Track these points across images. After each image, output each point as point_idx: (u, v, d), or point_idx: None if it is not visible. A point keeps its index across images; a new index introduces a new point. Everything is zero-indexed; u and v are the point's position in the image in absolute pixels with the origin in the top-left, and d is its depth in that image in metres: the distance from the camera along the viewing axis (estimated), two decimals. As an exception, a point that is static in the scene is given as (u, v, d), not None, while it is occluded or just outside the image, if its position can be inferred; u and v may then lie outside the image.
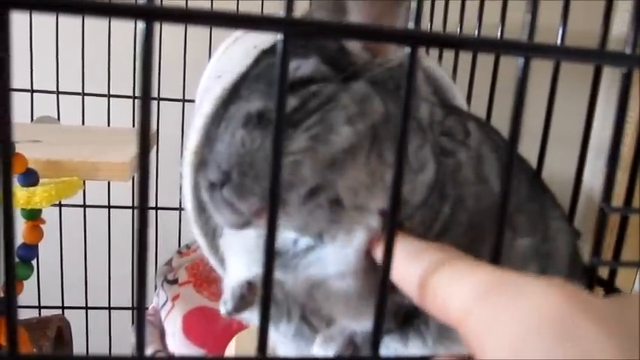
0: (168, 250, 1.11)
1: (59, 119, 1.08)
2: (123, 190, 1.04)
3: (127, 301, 1.14)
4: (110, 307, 1.14)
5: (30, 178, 0.69)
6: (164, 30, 1.04)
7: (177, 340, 0.95)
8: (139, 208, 0.22)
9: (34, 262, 0.73)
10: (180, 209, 1.09)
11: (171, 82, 1.06)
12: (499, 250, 0.28)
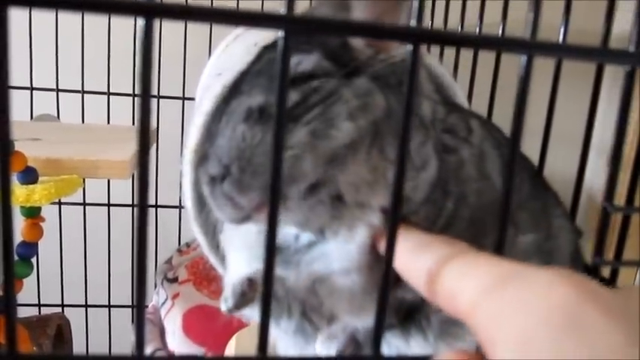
0: (168, 249, 1.11)
1: (59, 117, 1.08)
2: (123, 188, 1.04)
3: (127, 299, 1.14)
4: (110, 305, 1.14)
5: (29, 176, 0.69)
6: (164, 27, 1.04)
7: (177, 339, 0.95)
8: (138, 205, 0.22)
9: (33, 260, 0.73)
10: (181, 207, 1.09)
11: (171, 80, 1.06)
12: (502, 246, 0.28)
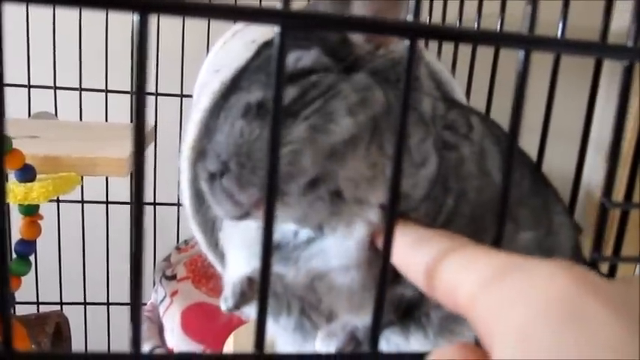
0: (166, 246, 1.11)
1: (57, 115, 1.07)
2: (121, 186, 1.04)
3: (126, 297, 1.12)
4: (109, 303, 1.14)
5: (27, 173, 0.68)
6: (162, 24, 1.03)
7: (175, 336, 0.95)
8: (134, 203, 0.22)
9: (32, 257, 0.73)
10: (179, 205, 1.09)
11: (169, 77, 1.06)
12: (500, 241, 0.28)
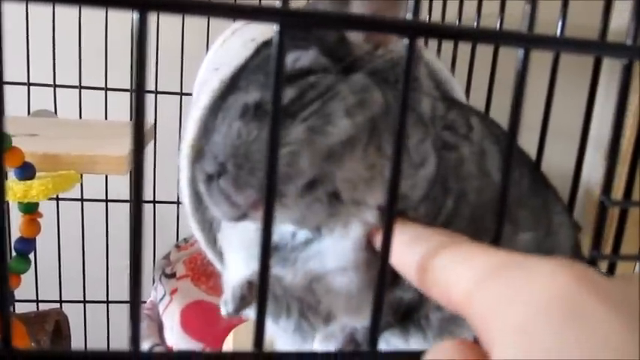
0: (166, 244, 1.11)
1: (56, 113, 1.07)
2: (120, 184, 1.04)
3: (125, 295, 1.12)
4: (108, 301, 1.14)
5: (27, 171, 0.68)
6: (161, 22, 1.03)
7: (175, 334, 0.95)
8: (133, 201, 0.22)
9: (31, 255, 0.73)
10: (178, 203, 1.09)
11: (169, 75, 1.06)
12: (498, 240, 0.28)
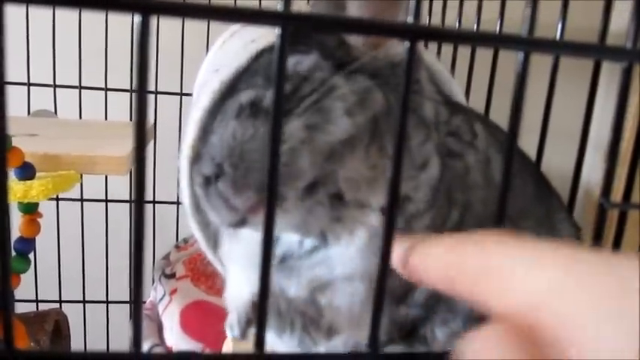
0: (165, 244, 1.11)
1: (56, 113, 1.07)
2: (120, 184, 1.04)
3: (125, 295, 1.14)
4: (108, 301, 1.14)
5: (27, 171, 0.69)
6: (161, 23, 1.03)
7: (174, 335, 0.95)
8: (135, 201, 0.22)
9: (31, 255, 0.73)
10: (178, 203, 1.09)
11: (169, 76, 1.06)
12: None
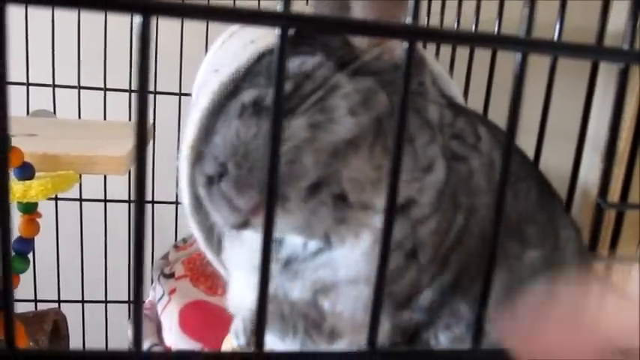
0: (164, 244, 1.11)
1: (55, 113, 1.07)
2: (119, 184, 1.04)
3: (124, 295, 1.14)
4: (106, 301, 1.14)
5: (26, 171, 0.69)
6: (160, 23, 1.03)
7: (173, 334, 0.95)
8: (136, 200, 0.22)
9: (30, 255, 0.73)
10: (177, 203, 1.09)
11: (168, 76, 1.06)
12: (494, 253, 0.28)
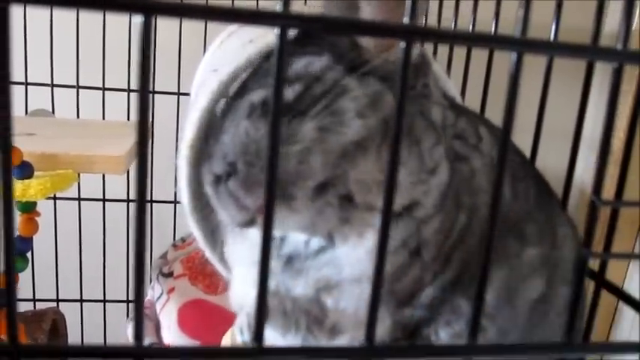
0: (163, 244, 1.11)
1: (54, 112, 1.07)
2: (117, 183, 1.04)
3: (122, 294, 1.14)
4: (105, 300, 1.15)
5: (25, 170, 0.69)
6: (159, 23, 1.04)
7: (172, 333, 0.96)
8: (137, 200, 0.22)
9: (29, 254, 0.73)
10: (176, 202, 1.10)
11: (167, 75, 1.06)
12: (490, 251, 0.28)
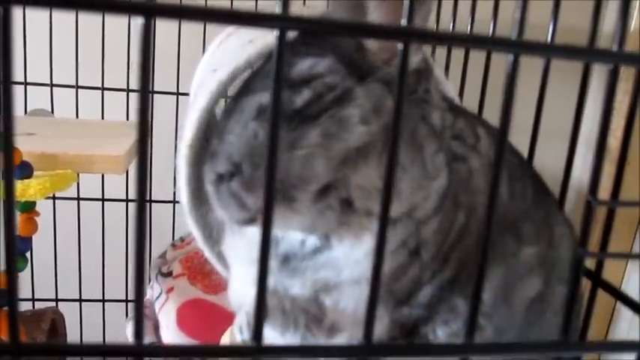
0: (162, 243, 1.11)
1: (53, 112, 1.08)
2: (116, 183, 1.04)
3: (121, 294, 1.14)
4: (104, 300, 1.15)
5: (25, 170, 0.69)
6: (158, 23, 1.03)
7: (171, 333, 0.96)
8: (137, 199, 0.22)
9: (28, 254, 0.73)
10: (175, 202, 1.10)
11: (165, 75, 1.06)
12: (485, 252, 0.28)
